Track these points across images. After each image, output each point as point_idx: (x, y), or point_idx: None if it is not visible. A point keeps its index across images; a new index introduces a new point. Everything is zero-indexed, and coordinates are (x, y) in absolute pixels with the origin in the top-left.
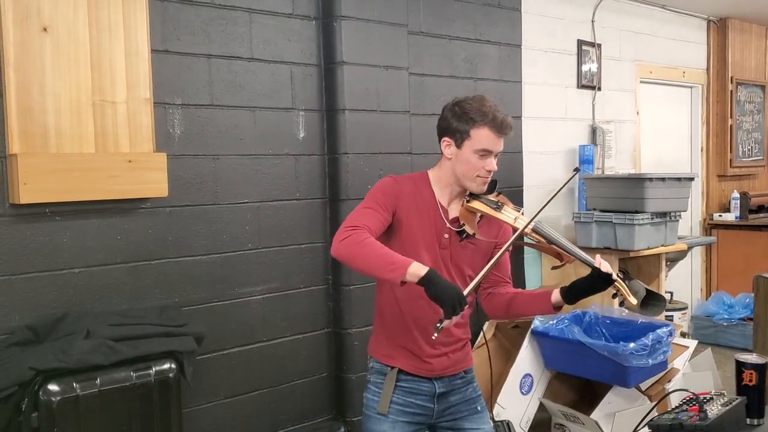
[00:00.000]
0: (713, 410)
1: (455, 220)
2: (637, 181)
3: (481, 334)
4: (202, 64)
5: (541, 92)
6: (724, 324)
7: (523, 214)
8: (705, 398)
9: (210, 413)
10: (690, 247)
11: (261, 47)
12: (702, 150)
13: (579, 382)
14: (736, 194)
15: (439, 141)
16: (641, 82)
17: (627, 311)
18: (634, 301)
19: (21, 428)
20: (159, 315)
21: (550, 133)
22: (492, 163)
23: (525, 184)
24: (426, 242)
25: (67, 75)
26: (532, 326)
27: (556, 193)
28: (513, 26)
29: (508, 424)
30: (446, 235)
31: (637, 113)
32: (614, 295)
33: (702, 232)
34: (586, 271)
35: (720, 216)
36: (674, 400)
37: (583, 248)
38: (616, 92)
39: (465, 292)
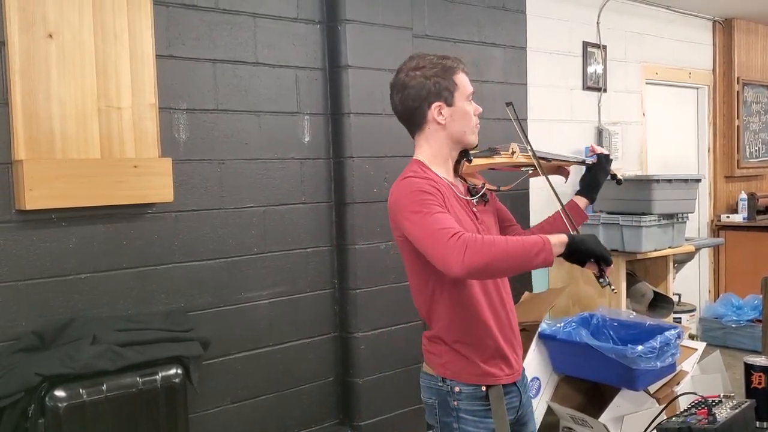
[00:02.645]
0: (722, 413)
1: (468, 191)
2: (643, 183)
3: None
4: (207, 68)
5: (546, 94)
6: (733, 326)
7: (516, 148)
8: (714, 401)
9: (216, 418)
10: (698, 249)
11: (266, 52)
12: (709, 151)
13: (587, 386)
14: (743, 195)
15: (424, 113)
16: (647, 83)
17: (635, 314)
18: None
19: None
20: (165, 320)
21: (555, 134)
22: (478, 106)
23: (530, 186)
24: (465, 225)
25: (72, 81)
26: (539, 329)
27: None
28: (518, 28)
29: None
30: (474, 209)
31: (643, 114)
32: (613, 176)
33: (710, 234)
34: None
35: (728, 217)
36: (683, 403)
37: None
38: (622, 93)
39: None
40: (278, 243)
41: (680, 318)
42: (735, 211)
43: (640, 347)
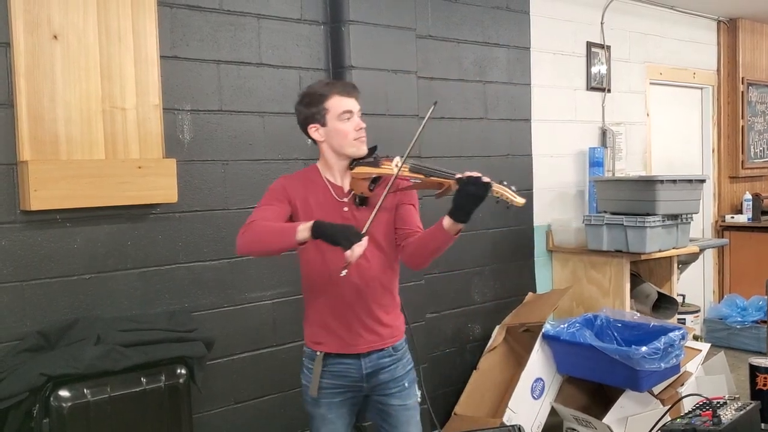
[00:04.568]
0: (727, 415)
1: (349, 192)
2: (648, 183)
3: (492, 338)
4: (211, 69)
5: (550, 94)
6: (737, 327)
7: (401, 159)
8: (718, 403)
9: (220, 418)
10: (702, 250)
11: (270, 52)
12: (713, 151)
13: (591, 386)
14: (748, 196)
15: (307, 134)
16: (651, 83)
17: (639, 314)
18: (520, 201)
19: None
20: (169, 320)
21: (559, 135)
22: (359, 122)
23: (535, 187)
24: (322, 215)
25: (77, 82)
26: (543, 330)
27: (421, 129)
28: (521, 29)
29: (519, 428)
30: (346, 209)
31: (648, 115)
32: (497, 201)
33: (714, 234)
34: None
35: (732, 218)
36: (687, 404)
37: (593, 251)
38: (626, 94)
39: (363, 230)
40: None
41: (684, 319)
42: (739, 211)
43: (644, 348)
